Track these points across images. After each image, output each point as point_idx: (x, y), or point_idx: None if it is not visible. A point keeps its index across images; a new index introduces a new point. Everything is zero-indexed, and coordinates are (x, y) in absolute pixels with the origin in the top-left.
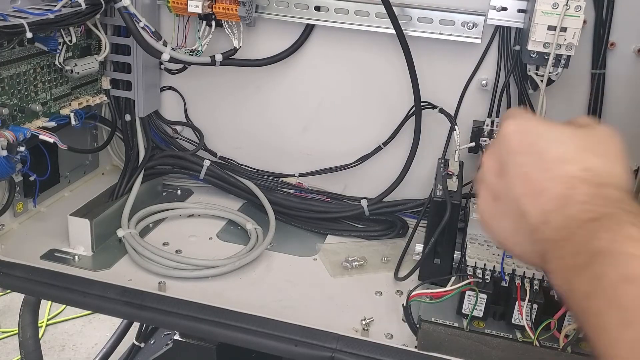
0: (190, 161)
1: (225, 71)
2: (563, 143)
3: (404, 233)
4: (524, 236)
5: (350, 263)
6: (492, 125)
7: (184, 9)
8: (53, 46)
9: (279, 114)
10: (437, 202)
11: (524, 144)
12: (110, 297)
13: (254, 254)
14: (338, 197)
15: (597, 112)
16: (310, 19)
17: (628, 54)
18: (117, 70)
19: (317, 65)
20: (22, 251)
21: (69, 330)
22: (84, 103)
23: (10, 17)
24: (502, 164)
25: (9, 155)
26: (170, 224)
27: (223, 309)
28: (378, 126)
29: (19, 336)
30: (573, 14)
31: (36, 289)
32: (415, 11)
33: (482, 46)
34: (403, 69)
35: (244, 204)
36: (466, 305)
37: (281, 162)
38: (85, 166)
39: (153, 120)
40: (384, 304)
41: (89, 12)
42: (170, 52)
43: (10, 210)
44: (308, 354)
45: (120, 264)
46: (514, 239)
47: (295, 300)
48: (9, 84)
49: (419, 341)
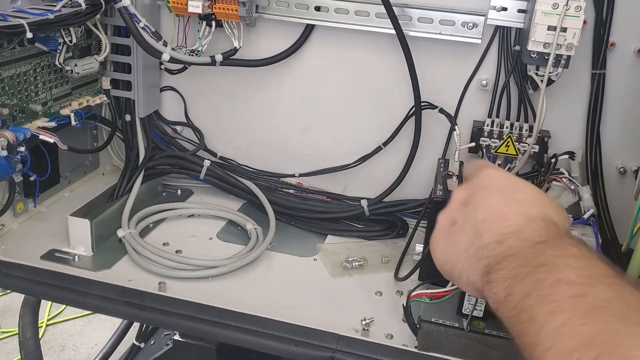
0: (190, 161)
1: (226, 71)
2: (529, 192)
3: (404, 233)
4: (472, 252)
5: (351, 263)
6: (492, 126)
7: (184, 9)
8: (53, 46)
9: (279, 114)
10: (437, 202)
11: (498, 184)
12: (111, 297)
13: (254, 254)
14: (338, 197)
15: (597, 112)
16: (310, 19)
17: (628, 54)
18: (117, 70)
19: (317, 65)
20: (22, 251)
21: (69, 330)
22: (84, 103)
23: (10, 17)
24: (470, 196)
25: (9, 155)
26: (171, 224)
27: (223, 309)
28: (378, 126)
29: (19, 336)
30: (573, 14)
31: (36, 289)
32: (415, 11)
33: (482, 46)
34: (403, 69)
35: (244, 204)
36: (466, 306)
37: (281, 162)
38: (86, 166)
39: (153, 121)
40: (384, 304)
41: (89, 12)
42: (171, 52)
43: (10, 211)
44: (308, 354)
45: (121, 264)
46: (459, 255)
47: (295, 300)
48: (9, 84)
49: (419, 341)
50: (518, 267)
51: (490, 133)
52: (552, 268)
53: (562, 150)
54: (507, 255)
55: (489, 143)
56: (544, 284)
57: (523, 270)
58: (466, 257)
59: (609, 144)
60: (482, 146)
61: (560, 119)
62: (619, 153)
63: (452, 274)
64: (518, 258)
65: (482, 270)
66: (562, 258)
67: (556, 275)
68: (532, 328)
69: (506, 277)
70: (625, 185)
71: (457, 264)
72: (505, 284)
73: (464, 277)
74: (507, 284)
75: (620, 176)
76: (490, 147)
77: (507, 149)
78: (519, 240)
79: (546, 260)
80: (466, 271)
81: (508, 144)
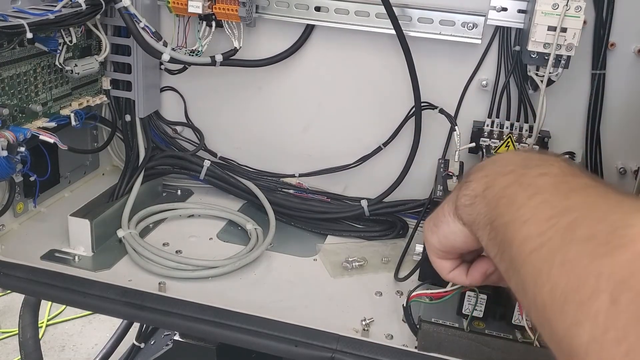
0: (190, 161)
1: (226, 71)
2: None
3: (404, 233)
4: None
5: (351, 263)
6: (492, 126)
7: (184, 10)
8: (53, 46)
9: (279, 114)
10: (438, 202)
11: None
12: (111, 298)
13: (254, 255)
14: (338, 197)
15: (597, 112)
16: (310, 20)
17: (628, 55)
18: (118, 70)
19: (317, 65)
20: (22, 251)
21: (69, 330)
22: (84, 103)
23: (10, 17)
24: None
25: (9, 155)
26: (171, 224)
27: (223, 309)
28: (378, 126)
29: (19, 336)
30: (573, 14)
31: (36, 290)
32: (415, 12)
33: (482, 47)
34: (403, 69)
35: (244, 205)
36: (466, 306)
37: (281, 163)
38: (86, 166)
39: (153, 121)
40: (384, 305)
41: (89, 12)
42: (171, 52)
43: (10, 211)
44: (308, 355)
45: (121, 264)
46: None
47: (295, 300)
48: (9, 85)
49: (419, 342)
50: (501, 166)
51: (490, 133)
52: (536, 167)
53: (562, 150)
54: (490, 161)
55: (489, 143)
56: (527, 177)
57: (506, 169)
58: (448, 198)
59: (609, 144)
60: (482, 146)
61: (560, 119)
62: (619, 153)
63: (437, 219)
64: (501, 162)
65: (461, 184)
66: (545, 163)
67: (540, 170)
68: (510, 209)
69: (486, 174)
70: (625, 185)
71: (439, 209)
72: (484, 180)
73: (445, 207)
74: (487, 180)
75: (620, 176)
76: (490, 147)
77: (507, 149)
78: (502, 155)
79: (530, 164)
80: (447, 200)
81: (508, 144)
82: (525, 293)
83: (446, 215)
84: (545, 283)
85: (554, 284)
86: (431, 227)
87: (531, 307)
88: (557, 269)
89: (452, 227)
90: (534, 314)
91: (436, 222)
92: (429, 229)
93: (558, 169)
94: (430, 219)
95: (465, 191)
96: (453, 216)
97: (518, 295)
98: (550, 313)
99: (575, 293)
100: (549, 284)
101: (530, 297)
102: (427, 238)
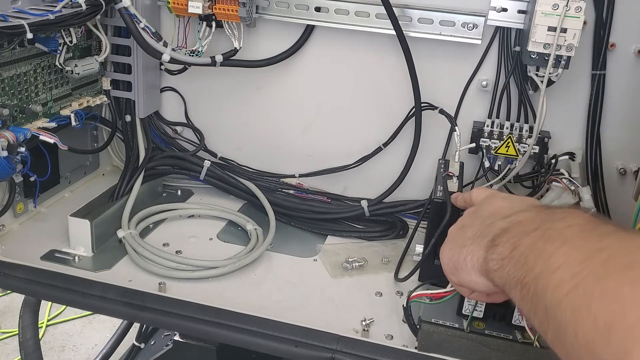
0: (190, 162)
1: (226, 72)
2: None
3: (404, 234)
4: (478, 233)
5: (351, 264)
6: (493, 126)
7: (185, 10)
8: (53, 47)
9: (279, 115)
10: (438, 203)
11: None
12: (111, 298)
13: (254, 255)
14: (338, 197)
15: (597, 113)
16: (310, 20)
17: (628, 55)
18: (118, 71)
19: (317, 66)
20: (22, 252)
21: (69, 331)
22: (84, 104)
23: (10, 17)
24: (478, 206)
25: (9, 155)
26: (171, 224)
27: (223, 309)
28: (378, 127)
29: (19, 337)
30: (573, 14)
31: (36, 290)
32: (415, 12)
33: (482, 47)
34: (403, 69)
35: (244, 205)
36: (466, 306)
37: (281, 163)
38: (86, 167)
39: (153, 121)
40: (384, 305)
41: (90, 12)
42: (171, 52)
43: (10, 211)
44: (308, 355)
45: (121, 264)
46: (465, 242)
47: (295, 300)
48: (9, 85)
49: (419, 342)
50: (526, 227)
51: (490, 134)
52: (561, 220)
53: (562, 151)
54: (514, 222)
55: (489, 144)
56: (553, 230)
57: (531, 227)
58: (472, 241)
59: (609, 145)
60: (482, 147)
61: (560, 120)
62: (619, 154)
63: (457, 264)
64: (526, 222)
65: (487, 243)
66: (570, 215)
67: (566, 223)
68: (539, 261)
69: (513, 236)
70: (625, 186)
71: (462, 250)
72: (511, 241)
73: (468, 259)
74: (513, 241)
75: (620, 177)
76: (490, 147)
77: (507, 149)
78: (525, 213)
79: (555, 218)
80: (471, 252)
81: (508, 145)
82: (565, 335)
83: (469, 267)
84: (586, 318)
85: (595, 316)
86: (451, 268)
87: (574, 347)
88: (597, 301)
89: (474, 278)
90: (577, 356)
91: (456, 266)
92: (448, 269)
93: (584, 219)
94: (449, 260)
95: (492, 255)
96: (477, 272)
97: (556, 344)
98: (595, 346)
99: (621, 320)
100: (590, 318)
101: (570, 338)
102: (446, 273)
